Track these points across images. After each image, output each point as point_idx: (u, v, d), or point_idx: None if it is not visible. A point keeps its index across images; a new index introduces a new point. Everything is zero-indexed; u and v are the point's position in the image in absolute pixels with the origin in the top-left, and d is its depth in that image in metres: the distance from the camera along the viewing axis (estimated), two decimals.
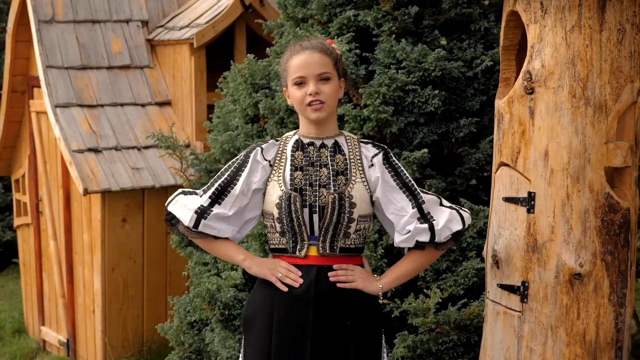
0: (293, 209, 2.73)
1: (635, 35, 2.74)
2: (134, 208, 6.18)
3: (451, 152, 3.90)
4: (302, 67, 2.73)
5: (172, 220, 2.86)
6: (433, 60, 3.69)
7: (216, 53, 6.79)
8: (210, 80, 6.46)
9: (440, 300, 3.47)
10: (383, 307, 3.39)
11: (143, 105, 6.49)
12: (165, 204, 2.90)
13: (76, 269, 6.50)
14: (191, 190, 2.91)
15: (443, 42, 3.94)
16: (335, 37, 3.90)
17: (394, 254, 3.73)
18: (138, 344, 6.31)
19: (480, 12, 3.95)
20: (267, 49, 4.30)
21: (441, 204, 2.86)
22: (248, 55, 4.23)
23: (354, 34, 3.88)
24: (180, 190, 2.91)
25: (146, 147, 6.27)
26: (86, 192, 5.84)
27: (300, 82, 2.75)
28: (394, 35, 3.83)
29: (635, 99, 2.78)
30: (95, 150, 6.07)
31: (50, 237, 6.73)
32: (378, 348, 2.86)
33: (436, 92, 3.74)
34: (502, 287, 2.92)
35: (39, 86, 6.64)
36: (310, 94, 2.72)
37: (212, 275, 4.08)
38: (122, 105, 6.41)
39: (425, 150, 3.64)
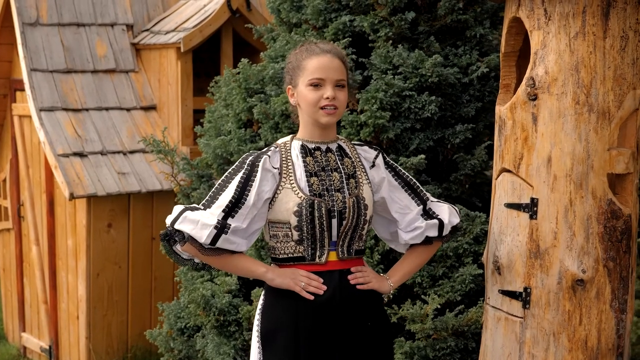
0: (317, 215, 2.69)
1: (638, 43, 2.76)
2: (120, 213, 6.12)
3: (446, 158, 3.90)
4: (322, 69, 2.70)
5: (179, 236, 2.68)
6: (430, 66, 3.70)
7: (201, 58, 6.76)
8: (195, 85, 6.43)
9: (438, 307, 3.47)
10: None
11: (128, 110, 6.44)
12: (169, 222, 2.70)
13: (59, 275, 6.43)
14: (193, 206, 2.76)
15: (435, 48, 3.95)
16: (331, 42, 3.88)
17: (389, 260, 3.72)
18: (122, 350, 6.25)
19: (475, 18, 3.96)
20: (261, 53, 4.28)
21: (432, 200, 2.95)
22: (242, 59, 4.21)
23: (350, 39, 3.87)
24: (182, 207, 2.74)
25: (132, 152, 6.22)
26: (72, 196, 5.78)
27: (317, 84, 2.70)
28: (390, 41, 3.82)
29: (637, 106, 2.80)
30: (81, 155, 6.01)
31: (33, 242, 6.65)
32: (392, 345, 2.92)
33: (432, 98, 3.74)
34: (504, 293, 2.92)
35: (21, 89, 6.57)
36: (327, 98, 2.69)
37: (206, 280, 4.05)
38: (107, 109, 6.36)
39: (423, 156, 3.65)
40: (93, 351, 6.12)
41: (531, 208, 2.83)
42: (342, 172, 2.78)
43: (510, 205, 2.90)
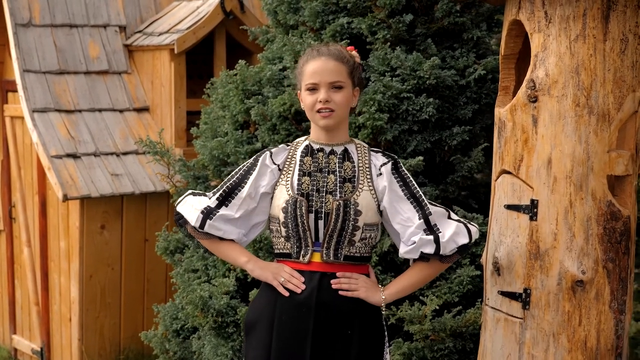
0: (299, 213, 2.72)
1: (637, 46, 2.78)
2: (113, 215, 6.11)
3: (443, 160, 3.92)
4: (315, 73, 2.73)
5: (180, 220, 2.87)
6: (428, 68, 3.71)
7: (193, 59, 6.75)
8: (187, 86, 6.42)
9: (436, 308, 3.48)
10: None
11: (121, 111, 6.43)
12: (175, 204, 2.93)
13: (51, 277, 6.40)
14: (200, 192, 2.91)
15: (432, 50, 3.96)
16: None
17: (387, 262, 3.73)
18: (115, 353, 6.23)
19: (472, 21, 3.97)
20: (258, 55, 4.29)
21: (449, 217, 2.83)
22: (240, 61, 4.21)
23: (348, 41, 3.88)
24: (190, 191, 2.92)
25: (125, 153, 6.21)
26: (66, 198, 5.76)
27: (313, 88, 2.74)
28: (388, 43, 3.84)
29: (636, 108, 2.82)
30: (74, 156, 5.99)
31: (25, 244, 6.63)
32: (379, 358, 2.83)
33: (430, 100, 3.76)
34: (504, 294, 2.94)
35: (13, 90, 6.54)
36: (321, 101, 2.72)
37: (203, 282, 4.05)
38: (100, 110, 6.34)
39: (421, 158, 3.66)
40: (85, 353, 6.10)
41: (531, 209, 2.84)
42: (338, 175, 2.78)
43: (510, 207, 2.92)
